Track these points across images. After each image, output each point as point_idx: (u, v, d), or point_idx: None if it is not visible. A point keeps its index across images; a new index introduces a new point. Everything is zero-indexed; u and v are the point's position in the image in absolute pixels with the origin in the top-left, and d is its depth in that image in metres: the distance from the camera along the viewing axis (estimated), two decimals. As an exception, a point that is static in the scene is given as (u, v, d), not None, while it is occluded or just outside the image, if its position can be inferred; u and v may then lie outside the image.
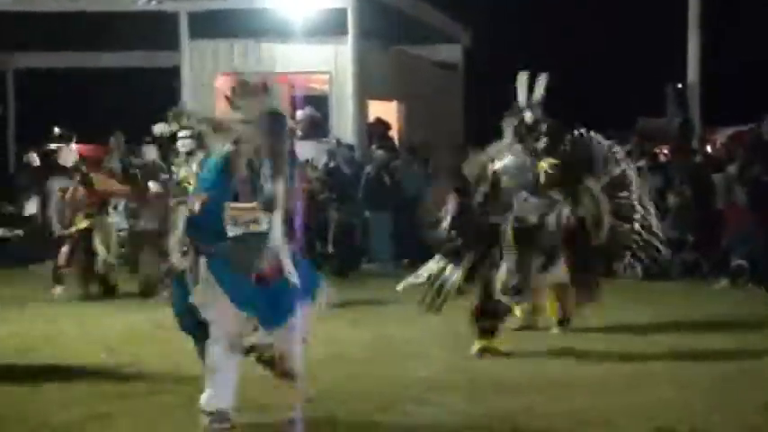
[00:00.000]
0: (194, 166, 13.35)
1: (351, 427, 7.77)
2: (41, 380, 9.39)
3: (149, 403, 8.61)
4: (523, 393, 8.93)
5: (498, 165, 11.06)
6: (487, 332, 10.75)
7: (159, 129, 15.38)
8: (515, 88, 11.12)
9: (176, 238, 8.05)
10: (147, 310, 13.61)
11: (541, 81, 11.06)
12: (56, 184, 16.12)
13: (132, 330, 12.49)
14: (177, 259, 7.98)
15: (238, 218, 7.72)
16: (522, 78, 11.09)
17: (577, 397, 8.83)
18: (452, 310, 12.00)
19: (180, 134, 14.38)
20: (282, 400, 7.88)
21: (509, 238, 10.74)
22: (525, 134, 11.02)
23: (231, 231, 7.69)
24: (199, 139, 13.41)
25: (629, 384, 9.27)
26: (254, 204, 7.67)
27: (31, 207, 18.80)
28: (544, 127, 11.08)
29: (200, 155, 13.11)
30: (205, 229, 7.70)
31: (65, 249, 15.75)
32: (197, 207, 7.73)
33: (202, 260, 7.71)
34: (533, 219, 10.81)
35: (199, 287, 7.69)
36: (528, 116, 11.00)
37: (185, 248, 7.91)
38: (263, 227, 7.66)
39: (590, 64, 33.80)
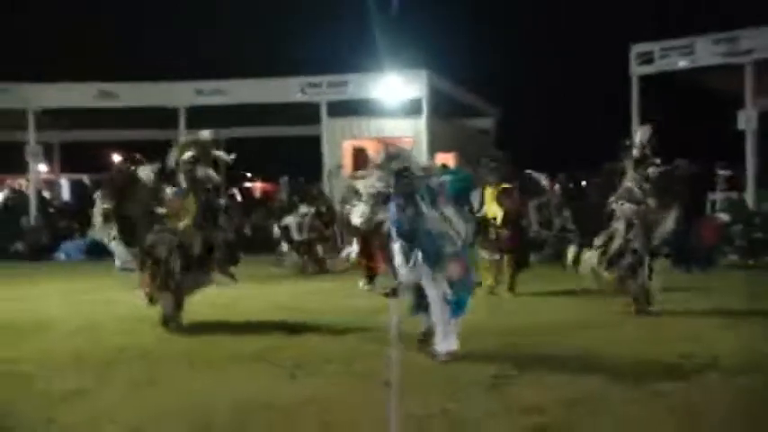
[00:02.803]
0: None
1: (421, 356, 7.30)
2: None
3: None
4: (531, 335, 8.71)
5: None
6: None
7: None
8: None
9: None
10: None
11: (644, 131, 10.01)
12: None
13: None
14: None
15: None
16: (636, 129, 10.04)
17: (554, 335, 8.66)
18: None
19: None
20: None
21: None
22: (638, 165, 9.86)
23: None
24: None
25: (611, 324, 9.14)
26: None
27: None
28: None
29: None
30: None
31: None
32: None
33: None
34: None
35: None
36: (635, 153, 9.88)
37: None
38: None
39: (575, 132, 33.82)
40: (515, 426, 5.43)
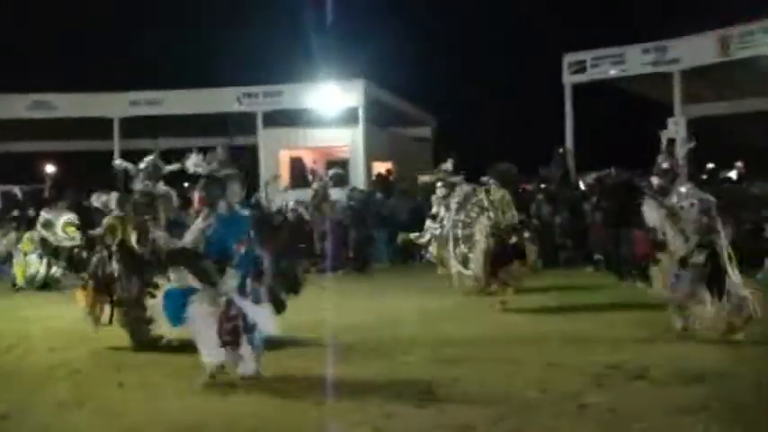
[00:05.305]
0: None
1: (357, 371, 7.36)
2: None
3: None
4: (465, 346, 8.75)
5: None
6: None
7: None
8: None
9: None
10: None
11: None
12: None
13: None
14: None
15: None
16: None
17: (487, 347, 8.71)
18: (428, 293, 12.19)
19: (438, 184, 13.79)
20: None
21: None
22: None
23: None
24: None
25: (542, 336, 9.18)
26: None
27: None
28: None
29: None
30: None
31: None
32: None
33: None
34: None
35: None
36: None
37: None
38: None
39: (510, 136, 34.04)
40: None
